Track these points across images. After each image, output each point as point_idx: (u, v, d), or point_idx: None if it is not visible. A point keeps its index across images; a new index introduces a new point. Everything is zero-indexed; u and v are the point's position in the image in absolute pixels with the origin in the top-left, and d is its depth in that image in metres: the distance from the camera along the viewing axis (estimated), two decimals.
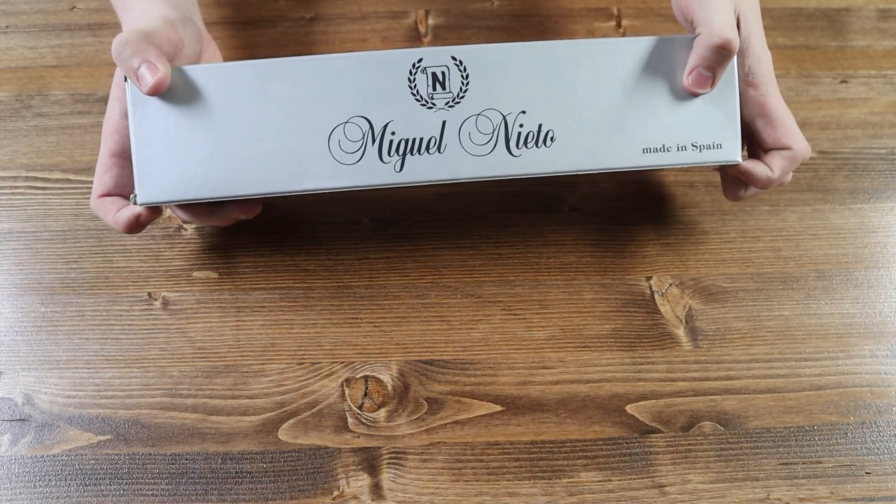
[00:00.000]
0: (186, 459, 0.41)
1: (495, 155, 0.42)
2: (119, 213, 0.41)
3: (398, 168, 0.42)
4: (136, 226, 0.41)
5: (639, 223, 0.50)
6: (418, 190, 0.51)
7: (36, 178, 0.51)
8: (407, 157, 0.42)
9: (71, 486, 0.40)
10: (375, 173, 0.42)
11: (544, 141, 0.42)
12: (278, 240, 0.49)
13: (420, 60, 0.41)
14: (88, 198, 0.50)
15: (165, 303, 0.46)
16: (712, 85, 0.42)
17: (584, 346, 0.45)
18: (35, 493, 0.40)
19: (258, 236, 0.49)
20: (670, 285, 0.47)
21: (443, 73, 0.41)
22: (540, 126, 0.42)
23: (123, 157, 0.41)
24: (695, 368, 0.44)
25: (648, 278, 0.48)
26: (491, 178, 0.42)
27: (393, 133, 0.42)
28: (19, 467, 0.41)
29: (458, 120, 0.42)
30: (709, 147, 0.43)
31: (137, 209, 0.41)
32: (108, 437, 0.42)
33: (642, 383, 0.44)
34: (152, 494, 0.40)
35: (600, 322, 0.46)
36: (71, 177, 0.51)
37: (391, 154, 0.42)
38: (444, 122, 0.42)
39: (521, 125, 0.42)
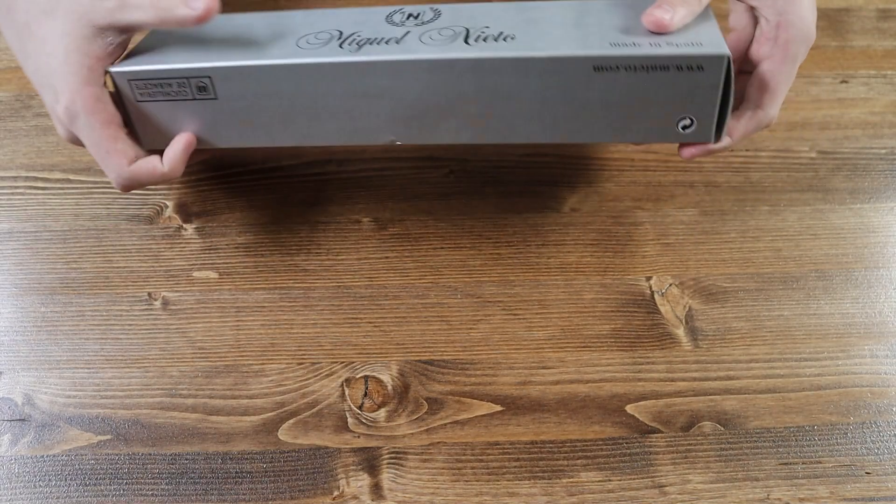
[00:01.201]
0: (186, 459, 0.41)
1: (451, 46, 0.40)
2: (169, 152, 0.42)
3: (353, 51, 0.40)
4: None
5: (639, 223, 0.50)
6: (418, 190, 0.51)
7: (36, 178, 0.51)
8: (364, 46, 0.41)
9: (71, 486, 0.40)
10: (331, 54, 0.40)
11: (504, 39, 0.40)
12: (278, 240, 0.49)
13: (400, 8, 0.42)
14: (89, 198, 0.50)
15: (165, 303, 0.46)
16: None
17: (584, 346, 0.45)
18: (35, 493, 0.40)
19: (258, 236, 0.49)
20: (670, 285, 0.47)
21: (418, 13, 0.42)
22: (501, 32, 0.40)
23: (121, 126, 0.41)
24: (695, 368, 0.44)
25: (648, 278, 0.48)
26: (443, 60, 0.39)
27: (358, 35, 0.41)
28: (19, 467, 0.41)
29: (422, 31, 0.41)
30: (687, 44, 0.38)
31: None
32: (108, 437, 0.42)
33: (642, 383, 0.44)
34: (152, 494, 0.40)
35: (600, 322, 0.46)
36: (71, 177, 0.51)
37: (350, 45, 0.41)
38: (407, 31, 0.41)
39: (483, 30, 0.41)
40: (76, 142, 0.42)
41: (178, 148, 0.42)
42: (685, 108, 0.39)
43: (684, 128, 0.39)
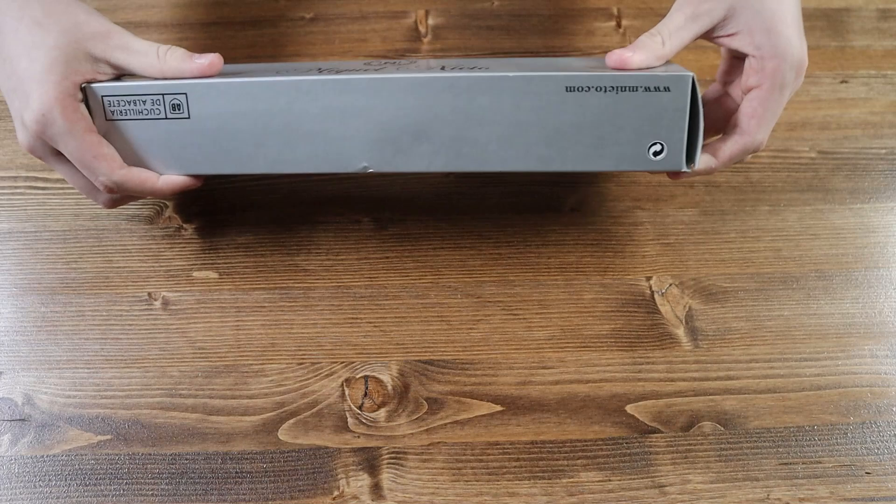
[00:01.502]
0: (186, 459, 0.41)
1: (428, 71, 0.41)
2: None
3: (331, 73, 0.41)
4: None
5: (639, 223, 0.50)
6: (418, 190, 0.51)
7: (36, 178, 0.51)
8: (343, 72, 0.42)
9: (71, 486, 0.40)
10: (309, 75, 0.41)
11: (479, 69, 0.41)
12: (278, 240, 0.49)
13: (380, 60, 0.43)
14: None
15: (165, 303, 0.46)
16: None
17: (584, 346, 0.45)
18: (35, 493, 0.40)
19: (258, 236, 0.49)
20: (670, 285, 0.47)
21: (395, 60, 0.44)
22: (476, 66, 0.42)
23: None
24: (695, 368, 0.44)
25: (648, 278, 0.48)
26: (420, 79, 0.40)
27: (336, 68, 0.43)
28: (19, 467, 0.41)
29: (398, 66, 0.43)
30: (653, 71, 0.39)
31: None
32: (108, 437, 0.42)
33: (642, 383, 0.44)
34: (152, 494, 0.40)
35: (600, 322, 0.46)
36: None
37: (328, 71, 0.42)
38: (384, 66, 0.43)
39: (459, 64, 0.42)
40: (37, 151, 0.40)
41: (180, 179, 0.42)
42: (655, 132, 0.39)
43: (655, 154, 0.40)
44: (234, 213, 0.50)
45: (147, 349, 0.45)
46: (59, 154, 0.40)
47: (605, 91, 0.39)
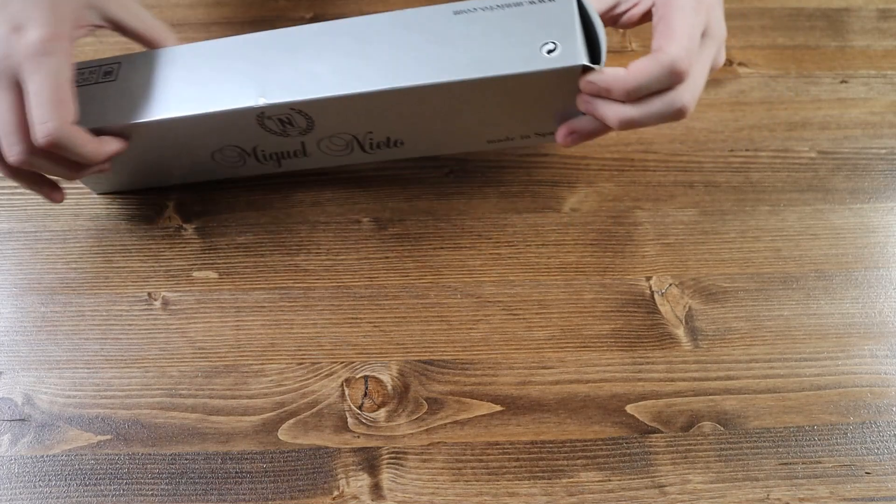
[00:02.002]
0: (186, 459, 0.41)
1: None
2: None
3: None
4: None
5: (639, 223, 0.50)
6: (418, 190, 0.51)
7: None
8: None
9: (71, 486, 0.40)
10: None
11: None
12: (278, 240, 0.49)
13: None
14: (89, 198, 0.50)
15: (165, 303, 0.46)
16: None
17: (584, 346, 0.45)
18: (35, 493, 0.40)
19: (258, 236, 0.49)
20: (670, 285, 0.47)
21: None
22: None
23: None
24: (695, 368, 0.44)
25: (648, 278, 0.48)
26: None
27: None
28: (19, 467, 0.41)
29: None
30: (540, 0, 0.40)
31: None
32: (108, 437, 0.42)
33: (642, 383, 0.44)
34: (152, 494, 0.40)
35: (600, 322, 0.46)
36: None
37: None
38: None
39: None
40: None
41: (115, 143, 0.42)
42: (547, 33, 0.39)
43: (549, 52, 0.39)
44: (234, 213, 0.50)
45: (147, 349, 0.45)
46: (6, 85, 0.39)
47: (493, 9, 0.40)
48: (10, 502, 0.40)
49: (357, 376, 0.44)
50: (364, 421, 0.42)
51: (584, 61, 0.39)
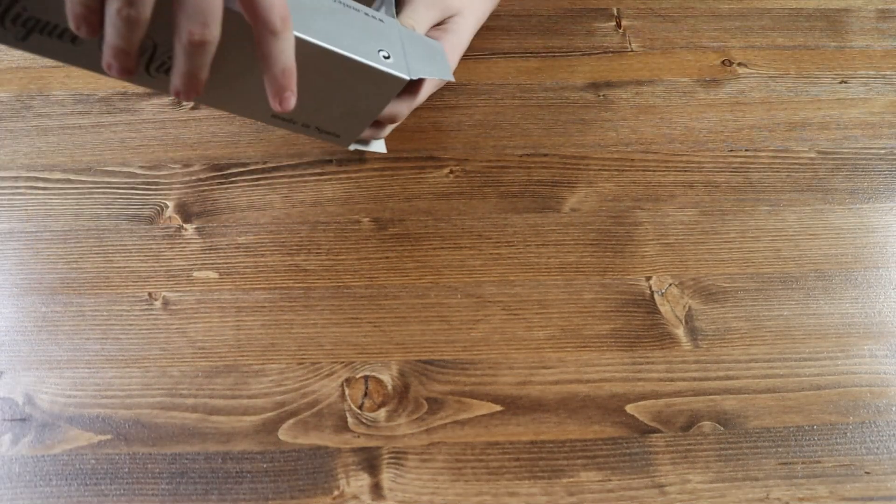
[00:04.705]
0: (187, 459, 0.41)
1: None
2: None
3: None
4: None
5: (639, 223, 0.50)
6: (418, 190, 0.51)
7: (36, 179, 0.51)
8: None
9: (71, 486, 0.40)
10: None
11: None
12: (278, 240, 0.49)
13: None
14: (89, 198, 0.50)
15: (166, 303, 0.46)
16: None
17: (584, 346, 0.45)
18: (35, 493, 0.40)
19: (258, 236, 0.49)
20: (670, 285, 0.47)
21: None
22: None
23: None
24: (695, 368, 0.44)
25: (648, 278, 0.48)
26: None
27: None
28: (20, 467, 0.41)
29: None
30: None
31: None
32: (109, 436, 0.42)
33: (642, 383, 0.44)
34: (152, 494, 0.40)
35: (600, 322, 0.46)
36: (71, 177, 0.51)
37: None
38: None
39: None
40: None
41: None
42: (389, 44, 0.44)
43: (385, 58, 0.43)
44: (234, 213, 0.50)
45: (147, 349, 0.45)
46: None
47: (360, 11, 0.44)
48: (10, 502, 0.40)
49: (357, 376, 0.44)
50: (364, 421, 0.42)
51: (409, 77, 0.43)
